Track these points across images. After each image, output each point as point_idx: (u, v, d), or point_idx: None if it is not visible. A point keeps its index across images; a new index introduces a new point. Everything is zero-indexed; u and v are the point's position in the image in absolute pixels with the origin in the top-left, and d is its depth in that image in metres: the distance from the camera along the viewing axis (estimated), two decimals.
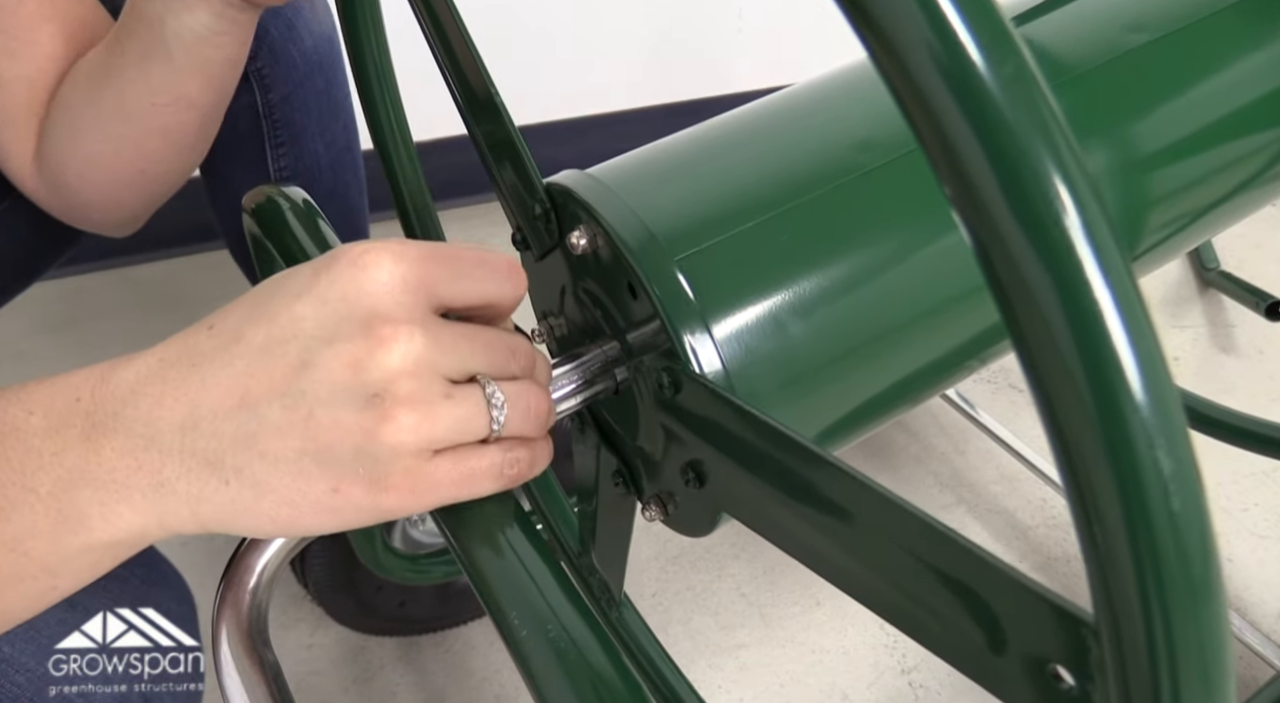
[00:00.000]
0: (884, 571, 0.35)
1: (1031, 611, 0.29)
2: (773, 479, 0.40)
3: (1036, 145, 0.21)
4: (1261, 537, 1.29)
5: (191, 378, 0.37)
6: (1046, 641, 0.28)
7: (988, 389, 1.50)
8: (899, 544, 0.33)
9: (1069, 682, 0.27)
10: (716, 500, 0.46)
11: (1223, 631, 0.22)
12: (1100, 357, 0.20)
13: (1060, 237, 0.20)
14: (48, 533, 0.36)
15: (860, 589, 0.37)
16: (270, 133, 0.91)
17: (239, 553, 0.43)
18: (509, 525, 0.41)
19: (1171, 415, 0.21)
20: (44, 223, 0.82)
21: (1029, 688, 0.29)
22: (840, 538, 0.36)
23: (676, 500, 0.52)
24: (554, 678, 0.37)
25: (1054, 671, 0.28)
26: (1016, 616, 0.29)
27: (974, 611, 0.31)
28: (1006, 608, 0.30)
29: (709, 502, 0.47)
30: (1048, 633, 0.28)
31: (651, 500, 0.53)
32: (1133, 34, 0.56)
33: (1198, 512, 0.21)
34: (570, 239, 0.50)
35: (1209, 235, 0.66)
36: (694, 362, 0.45)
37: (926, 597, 0.33)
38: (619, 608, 0.73)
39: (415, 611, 1.13)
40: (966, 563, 0.31)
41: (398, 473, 0.37)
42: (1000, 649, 0.30)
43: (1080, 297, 0.20)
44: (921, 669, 1.16)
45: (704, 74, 1.87)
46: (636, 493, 0.55)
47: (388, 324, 0.36)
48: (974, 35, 0.21)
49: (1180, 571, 0.21)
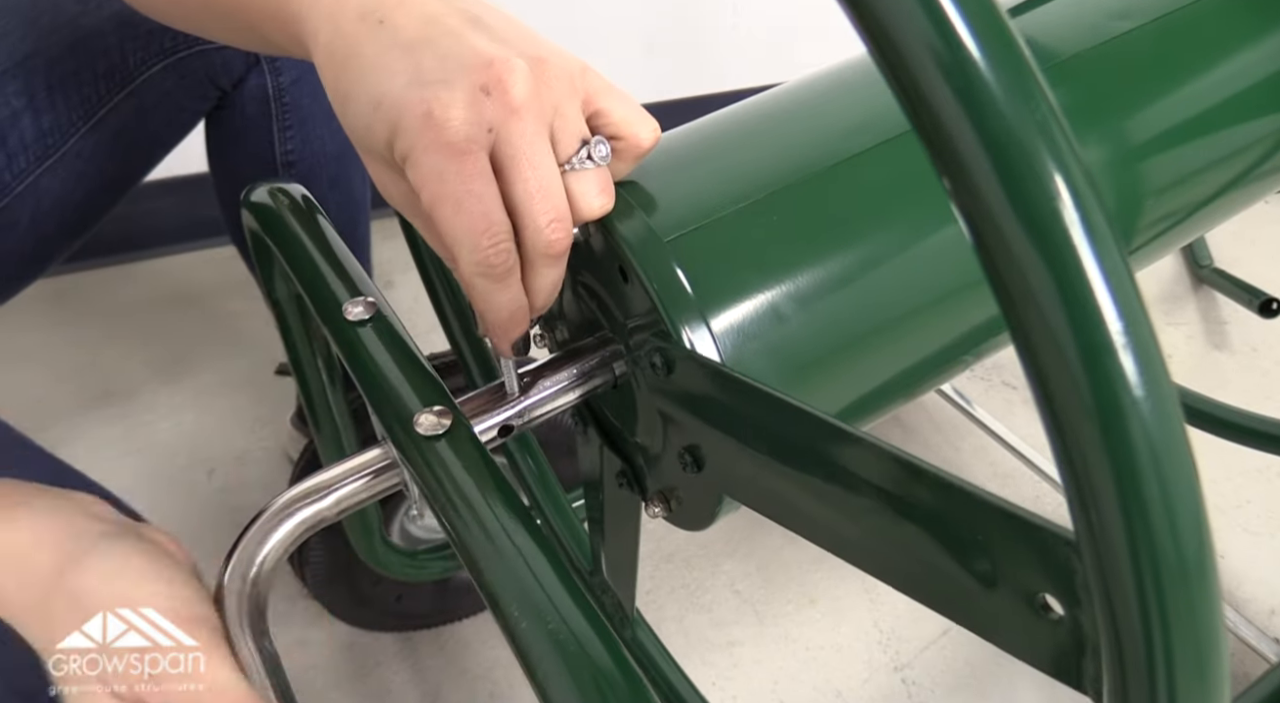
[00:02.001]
0: (878, 523, 0.35)
1: (1016, 536, 0.29)
2: (765, 446, 0.40)
3: (1035, 140, 0.21)
4: (1255, 534, 1.29)
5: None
6: (1033, 566, 0.28)
7: (981, 386, 1.51)
8: (890, 489, 0.34)
9: (1058, 611, 0.28)
10: (715, 483, 0.47)
11: (1202, 530, 0.22)
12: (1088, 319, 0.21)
13: (1059, 229, 0.21)
14: None
15: (856, 549, 0.37)
16: (279, 116, 0.92)
17: (239, 543, 0.43)
18: (509, 519, 0.41)
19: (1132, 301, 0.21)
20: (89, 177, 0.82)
21: (1022, 623, 0.29)
22: (833, 495, 0.37)
23: (678, 496, 0.52)
24: (555, 671, 0.37)
25: (1043, 601, 0.28)
26: (1003, 545, 0.30)
27: (964, 547, 0.31)
28: (994, 539, 0.30)
29: (708, 486, 0.48)
30: (1033, 558, 0.28)
31: (655, 497, 0.54)
32: (1121, 22, 0.57)
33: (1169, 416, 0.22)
34: None
35: (1201, 231, 0.66)
36: (685, 339, 0.45)
37: (919, 544, 0.33)
38: (632, 626, 0.74)
39: (412, 605, 1.13)
40: (954, 498, 0.31)
41: None
42: (991, 584, 0.30)
43: (1074, 279, 0.21)
44: (915, 667, 1.16)
45: (698, 72, 1.87)
46: (640, 492, 0.56)
47: None
48: (973, 31, 0.21)
49: (1151, 467, 0.22)
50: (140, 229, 1.68)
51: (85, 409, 1.45)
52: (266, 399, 1.45)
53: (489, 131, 0.40)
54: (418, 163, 0.40)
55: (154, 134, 0.88)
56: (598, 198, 0.44)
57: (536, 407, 0.50)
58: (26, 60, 0.77)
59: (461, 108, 0.39)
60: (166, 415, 1.44)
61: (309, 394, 0.70)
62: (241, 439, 1.41)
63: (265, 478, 1.35)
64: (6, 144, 0.77)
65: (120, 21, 0.80)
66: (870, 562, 0.37)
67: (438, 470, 0.42)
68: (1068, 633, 0.28)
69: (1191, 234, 0.64)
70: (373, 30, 0.41)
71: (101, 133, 0.82)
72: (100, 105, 0.81)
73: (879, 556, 0.36)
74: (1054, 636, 0.28)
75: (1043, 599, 0.28)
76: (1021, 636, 0.30)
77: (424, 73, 0.40)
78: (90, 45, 0.79)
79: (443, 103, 0.39)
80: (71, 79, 0.79)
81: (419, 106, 0.39)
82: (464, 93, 0.39)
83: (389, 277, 1.64)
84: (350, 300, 0.49)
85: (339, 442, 0.73)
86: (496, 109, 0.40)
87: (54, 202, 0.81)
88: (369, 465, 0.46)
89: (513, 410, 0.49)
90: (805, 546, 1.28)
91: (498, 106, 0.40)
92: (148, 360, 1.52)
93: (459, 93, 0.39)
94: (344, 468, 0.46)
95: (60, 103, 0.79)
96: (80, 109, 0.80)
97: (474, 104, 0.40)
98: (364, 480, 0.46)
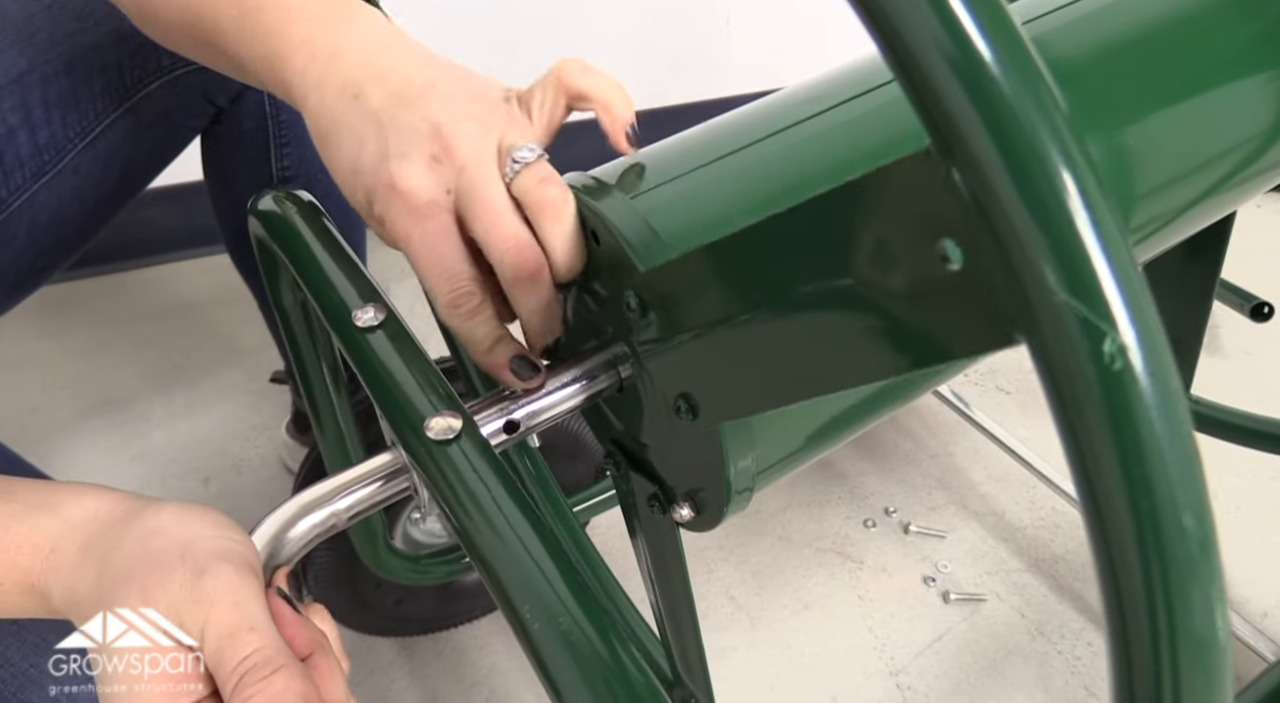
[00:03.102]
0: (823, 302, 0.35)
1: (890, 189, 0.29)
2: (725, 313, 0.41)
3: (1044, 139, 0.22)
4: (1249, 535, 1.30)
5: None
6: (911, 215, 0.28)
7: (975, 391, 1.52)
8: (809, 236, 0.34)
9: (954, 261, 0.27)
10: (711, 414, 0.48)
11: (1197, 475, 0.23)
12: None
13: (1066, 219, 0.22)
14: None
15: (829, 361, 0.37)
16: (275, 133, 0.92)
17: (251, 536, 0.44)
18: (519, 521, 0.41)
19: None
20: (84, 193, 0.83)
21: (940, 303, 0.29)
22: (787, 305, 0.37)
23: (702, 496, 0.53)
24: (567, 671, 0.38)
25: (941, 251, 0.27)
26: (882, 210, 0.29)
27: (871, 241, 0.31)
28: (879, 206, 0.30)
29: (709, 431, 0.48)
30: (906, 206, 0.28)
31: (681, 499, 0.55)
32: (1110, 21, 0.57)
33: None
34: None
35: (1191, 230, 0.66)
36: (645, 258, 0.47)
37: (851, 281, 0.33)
38: None
39: (412, 610, 1.14)
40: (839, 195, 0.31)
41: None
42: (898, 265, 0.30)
43: (1078, 255, 0.22)
44: (910, 671, 1.17)
45: (692, 78, 1.88)
46: (668, 501, 0.57)
47: None
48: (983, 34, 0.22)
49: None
50: (136, 238, 1.68)
51: (81, 418, 1.45)
52: (262, 407, 1.45)
53: (448, 192, 0.47)
54: (391, 224, 0.48)
55: (151, 150, 0.88)
56: (539, 190, 0.48)
57: (543, 410, 0.51)
58: (23, 77, 0.77)
59: (420, 177, 0.46)
60: (162, 424, 1.45)
61: (314, 402, 0.70)
62: (237, 447, 1.41)
63: (261, 486, 1.35)
64: (3, 160, 0.77)
65: (118, 39, 0.80)
66: (843, 365, 0.36)
67: (448, 474, 0.43)
68: (973, 280, 0.27)
69: (1181, 233, 0.65)
70: (349, 104, 0.47)
71: (98, 149, 0.82)
72: (97, 122, 0.81)
73: (843, 346, 0.35)
74: (968, 292, 0.27)
75: (941, 249, 0.27)
76: (946, 317, 0.29)
77: (388, 147, 0.47)
78: (88, 62, 0.80)
79: (404, 175, 0.46)
80: (68, 96, 0.79)
81: (385, 178, 0.47)
82: (420, 164, 0.46)
83: (385, 285, 1.64)
84: (360, 306, 0.50)
85: (344, 448, 0.73)
86: (448, 172, 0.47)
87: (50, 217, 0.82)
88: (380, 470, 0.47)
89: (520, 413, 0.50)
90: (800, 551, 1.29)
91: (448, 170, 0.47)
92: (144, 369, 1.52)
93: (416, 164, 0.46)
94: (356, 473, 0.47)
95: (57, 119, 0.79)
96: (77, 126, 0.80)
97: (430, 171, 0.47)
98: (376, 485, 0.47)
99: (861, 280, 0.32)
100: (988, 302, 0.26)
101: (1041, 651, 1.18)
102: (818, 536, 1.31)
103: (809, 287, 0.35)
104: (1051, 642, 1.19)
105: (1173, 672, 0.24)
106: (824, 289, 0.34)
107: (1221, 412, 1.17)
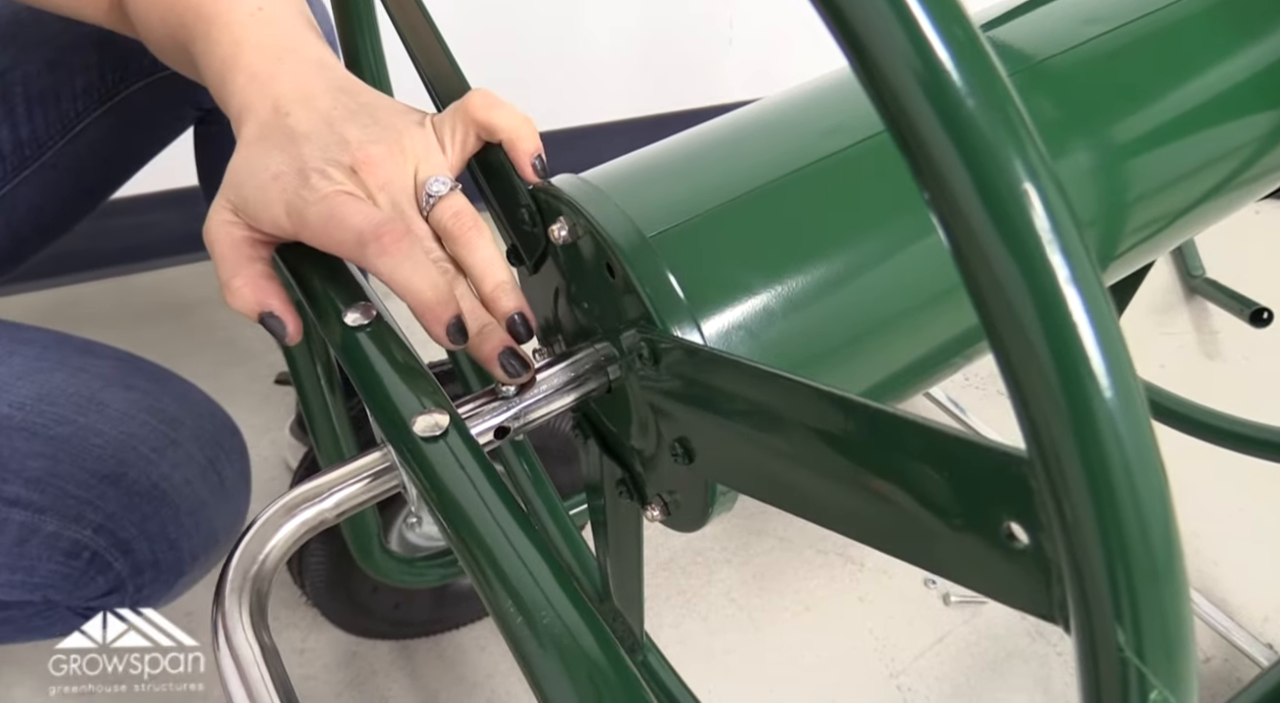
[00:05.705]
0: (854, 477, 0.36)
1: (974, 463, 0.30)
2: (748, 420, 0.42)
3: (1008, 152, 0.22)
4: (1246, 541, 1.30)
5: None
6: (992, 491, 0.29)
7: (976, 395, 1.52)
8: (861, 439, 0.35)
9: (1022, 539, 0.28)
10: (706, 471, 0.48)
11: (1149, 447, 0.23)
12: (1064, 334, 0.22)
13: (1031, 236, 0.22)
14: None
15: (838, 511, 0.38)
16: None
17: (241, 543, 0.44)
18: (505, 518, 0.42)
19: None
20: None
21: (989, 557, 0.30)
22: (812, 456, 0.38)
23: (675, 499, 0.53)
24: (550, 669, 0.38)
25: (1008, 530, 0.29)
26: (964, 474, 0.30)
27: (931, 486, 0.32)
28: (956, 471, 0.31)
29: (699, 476, 0.49)
30: (992, 482, 0.29)
31: (653, 501, 0.55)
32: (1096, 26, 0.57)
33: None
34: (552, 232, 0.52)
35: (1187, 236, 0.67)
36: (668, 327, 0.47)
37: (893, 493, 0.34)
38: (643, 651, 0.74)
39: (410, 613, 1.14)
40: (923, 438, 0.32)
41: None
42: (956, 519, 0.31)
43: (1046, 281, 0.22)
44: (910, 673, 1.17)
45: (694, 85, 1.88)
46: (639, 499, 0.57)
47: None
48: (949, 50, 0.22)
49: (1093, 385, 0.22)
50: (138, 242, 1.68)
51: None
52: (263, 409, 1.45)
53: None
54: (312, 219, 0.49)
55: (132, 149, 0.89)
56: (454, 223, 0.51)
57: (532, 410, 0.51)
58: (6, 74, 0.79)
59: (339, 183, 0.50)
60: None
61: (308, 402, 0.70)
62: None
63: (264, 486, 1.35)
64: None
65: (100, 40, 0.81)
66: (851, 523, 0.38)
67: (434, 471, 0.43)
68: (1033, 560, 0.28)
69: (1177, 239, 0.65)
70: (279, 121, 0.51)
71: (79, 146, 0.84)
72: (78, 120, 0.82)
73: (859, 514, 0.37)
74: (1021, 566, 0.29)
75: (1007, 528, 0.29)
76: (991, 570, 0.30)
77: (311, 161, 0.50)
78: (70, 62, 0.81)
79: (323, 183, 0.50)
80: (50, 94, 0.80)
81: (305, 187, 0.50)
82: (340, 173, 0.50)
83: (383, 288, 1.64)
84: (350, 307, 0.50)
85: (338, 449, 0.73)
86: (368, 187, 0.51)
87: (29, 208, 0.83)
88: (368, 468, 0.47)
89: (509, 413, 0.50)
90: (802, 552, 1.29)
91: (369, 185, 0.51)
92: None
93: (336, 173, 0.50)
94: (344, 470, 0.47)
95: (39, 117, 0.80)
96: (58, 123, 0.82)
97: (349, 180, 0.50)
98: (364, 483, 0.47)
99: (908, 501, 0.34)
100: (1040, 582, 0.28)
101: (1041, 653, 1.18)
102: (819, 537, 1.32)
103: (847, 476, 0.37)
104: (1051, 644, 1.19)
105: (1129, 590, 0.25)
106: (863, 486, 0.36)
107: (1220, 418, 1.17)
